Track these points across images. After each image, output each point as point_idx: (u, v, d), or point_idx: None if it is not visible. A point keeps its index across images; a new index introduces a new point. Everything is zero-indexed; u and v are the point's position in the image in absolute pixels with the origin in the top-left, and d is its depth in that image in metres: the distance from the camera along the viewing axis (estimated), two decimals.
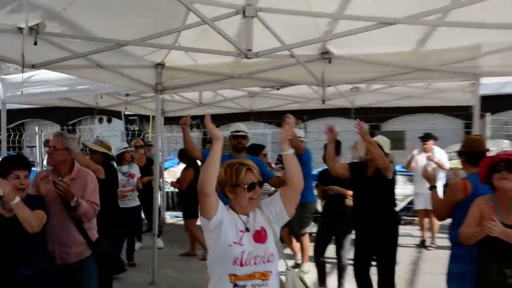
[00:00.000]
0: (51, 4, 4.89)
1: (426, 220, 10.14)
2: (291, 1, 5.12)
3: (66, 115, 23.41)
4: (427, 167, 8.46)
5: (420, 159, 9.88)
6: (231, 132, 6.67)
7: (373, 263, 6.11)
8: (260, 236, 3.36)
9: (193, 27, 5.36)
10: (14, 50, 5.19)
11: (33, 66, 5.79)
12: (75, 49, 5.77)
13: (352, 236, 6.48)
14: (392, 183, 6.04)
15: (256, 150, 7.27)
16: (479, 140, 5.38)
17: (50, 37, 5.46)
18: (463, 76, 6.82)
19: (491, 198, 4.08)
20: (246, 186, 3.32)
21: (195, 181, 8.14)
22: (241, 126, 6.78)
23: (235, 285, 3.23)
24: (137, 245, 9.28)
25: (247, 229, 3.36)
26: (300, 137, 8.36)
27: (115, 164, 7.62)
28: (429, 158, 9.61)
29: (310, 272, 7.81)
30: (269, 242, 3.37)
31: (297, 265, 8.41)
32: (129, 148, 9.04)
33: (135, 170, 8.93)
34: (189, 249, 9.60)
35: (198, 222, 8.57)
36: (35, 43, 5.16)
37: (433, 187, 4.97)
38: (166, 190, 14.00)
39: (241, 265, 3.23)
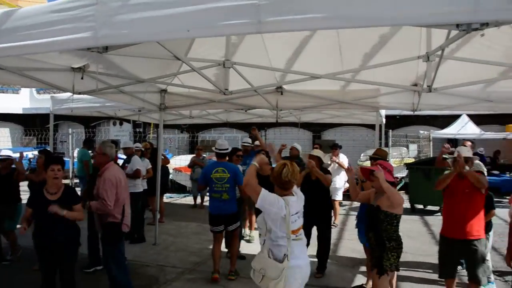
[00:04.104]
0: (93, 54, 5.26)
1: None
2: (258, 58, 5.70)
3: (89, 119, 23.45)
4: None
5: (329, 160, 10.27)
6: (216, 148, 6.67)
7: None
8: None
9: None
10: (68, 82, 5.71)
11: (80, 93, 6.08)
12: (108, 81, 6.12)
13: None
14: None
15: (233, 152, 7.52)
16: (384, 151, 6.21)
17: (91, 74, 5.75)
18: (369, 108, 7.35)
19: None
20: None
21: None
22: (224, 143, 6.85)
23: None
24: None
25: None
26: (248, 143, 8.97)
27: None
28: (333, 160, 10.20)
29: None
30: None
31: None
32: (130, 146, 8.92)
33: (147, 164, 8.89)
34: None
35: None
36: (82, 78, 5.61)
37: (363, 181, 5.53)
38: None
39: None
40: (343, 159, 10.42)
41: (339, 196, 10.30)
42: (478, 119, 18.48)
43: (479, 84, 5.82)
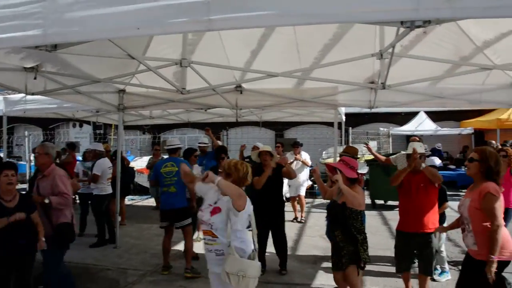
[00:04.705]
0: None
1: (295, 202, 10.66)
2: (216, 57, 5.71)
3: (47, 121, 22.78)
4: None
5: (291, 159, 10.35)
6: (166, 145, 6.97)
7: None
8: (215, 209, 3.75)
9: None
10: (20, 82, 5.54)
11: (33, 94, 5.94)
12: (63, 82, 5.98)
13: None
14: (281, 181, 6.68)
15: (191, 153, 7.56)
16: (353, 148, 6.36)
17: (45, 74, 5.68)
18: (327, 106, 7.45)
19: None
20: None
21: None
22: (173, 140, 7.08)
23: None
24: None
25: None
26: (204, 143, 8.95)
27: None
28: (296, 158, 10.31)
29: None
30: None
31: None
32: (91, 149, 9.00)
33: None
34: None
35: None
36: (35, 78, 5.46)
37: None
38: None
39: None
40: (305, 156, 10.59)
41: (303, 192, 10.53)
42: (435, 116, 19.09)
43: (430, 81, 6.02)
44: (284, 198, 7.05)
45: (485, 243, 3.72)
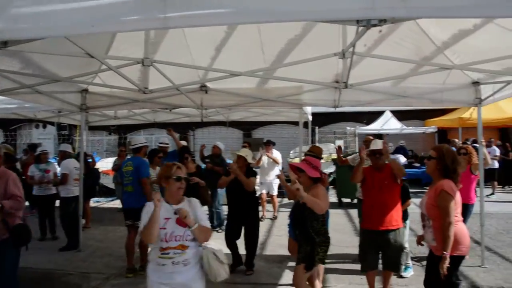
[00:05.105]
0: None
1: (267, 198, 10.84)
2: (180, 57, 5.64)
3: (9, 122, 22.12)
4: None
5: (264, 158, 10.63)
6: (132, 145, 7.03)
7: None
8: (182, 222, 3.45)
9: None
10: None
11: None
12: (22, 81, 5.71)
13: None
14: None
15: (154, 154, 7.54)
16: (318, 148, 6.40)
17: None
18: (292, 105, 7.44)
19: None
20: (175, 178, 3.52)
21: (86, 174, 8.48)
22: (135, 139, 7.15)
23: (163, 252, 3.45)
24: None
25: (175, 213, 3.45)
26: (165, 144, 8.88)
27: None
28: (267, 155, 10.45)
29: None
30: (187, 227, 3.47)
31: None
32: (44, 151, 8.86)
33: (52, 167, 8.75)
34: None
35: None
36: None
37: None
38: None
39: (166, 240, 3.44)
40: (277, 155, 10.76)
41: (275, 191, 10.69)
42: (400, 115, 19.45)
43: (391, 80, 6.11)
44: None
45: (441, 239, 3.83)
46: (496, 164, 14.47)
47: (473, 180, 6.92)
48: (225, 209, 8.65)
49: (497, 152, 14.87)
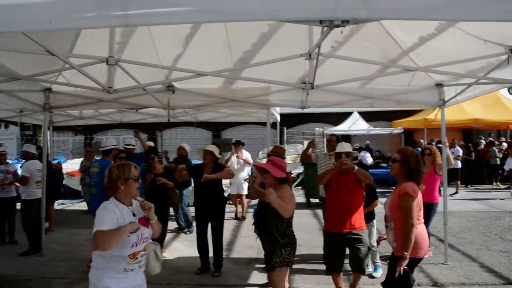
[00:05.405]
0: None
1: (238, 200, 10.96)
2: (147, 56, 5.55)
3: None
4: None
5: (233, 158, 10.65)
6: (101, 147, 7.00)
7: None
8: (145, 222, 3.37)
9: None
10: None
11: None
12: None
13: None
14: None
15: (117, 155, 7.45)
16: (281, 148, 6.44)
17: None
18: (260, 106, 7.45)
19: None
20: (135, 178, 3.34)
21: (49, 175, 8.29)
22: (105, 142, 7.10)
23: (133, 258, 3.26)
24: None
25: (134, 215, 3.32)
26: (131, 145, 8.80)
27: None
28: (238, 157, 10.45)
29: None
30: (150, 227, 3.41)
31: None
32: (3, 151, 8.63)
33: (12, 167, 8.56)
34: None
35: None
36: None
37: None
38: None
39: (136, 245, 3.26)
40: (246, 155, 10.80)
41: (245, 191, 10.66)
42: (368, 116, 19.78)
43: (357, 81, 6.18)
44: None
45: (402, 241, 3.89)
46: (459, 164, 14.87)
47: (437, 180, 7.07)
48: (191, 210, 8.62)
49: (460, 152, 15.28)
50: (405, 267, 3.86)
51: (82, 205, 12.74)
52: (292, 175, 13.95)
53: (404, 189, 3.96)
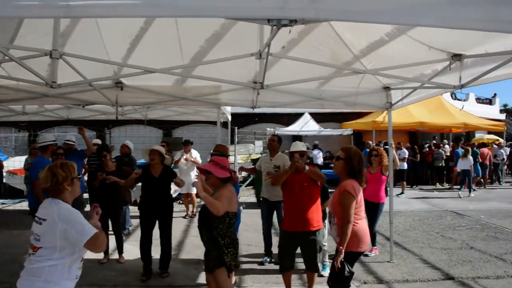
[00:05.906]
0: None
1: (188, 199, 10.95)
2: (94, 50, 5.31)
3: None
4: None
5: (182, 158, 10.63)
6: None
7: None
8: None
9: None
10: None
11: None
12: None
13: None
14: (170, 179, 6.51)
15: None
16: (223, 146, 6.45)
17: None
18: (210, 105, 7.38)
19: None
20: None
21: None
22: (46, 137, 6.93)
23: (81, 262, 3.18)
24: None
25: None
26: (71, 141, 8.75)
27: None
28: (186, 159, 10.40)
29: None
30: None
31: None
32: None
33: None
34: None
35: None
36: None
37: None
38: None
39: None
40: (195, 154, 10.78)
41: (194, 190, 10.46)
42: (319, 117, 20.11)
43: (307, 82, 6.23)
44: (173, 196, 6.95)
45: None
46: (405, 166, 15.40)
47: (384, 180, 7.28)
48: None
49: (406, 154, 15.85)
50: (342, 260, 3.97)
51: (25, 205, 12.20)
52: (243, 175, 13.99)
53: (344, 187, 4.08)
